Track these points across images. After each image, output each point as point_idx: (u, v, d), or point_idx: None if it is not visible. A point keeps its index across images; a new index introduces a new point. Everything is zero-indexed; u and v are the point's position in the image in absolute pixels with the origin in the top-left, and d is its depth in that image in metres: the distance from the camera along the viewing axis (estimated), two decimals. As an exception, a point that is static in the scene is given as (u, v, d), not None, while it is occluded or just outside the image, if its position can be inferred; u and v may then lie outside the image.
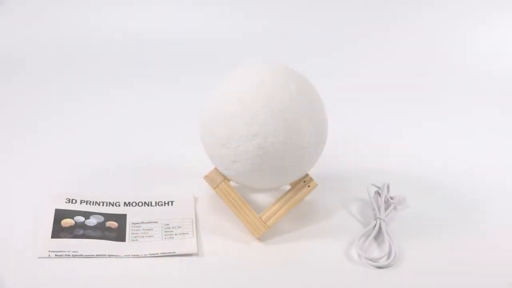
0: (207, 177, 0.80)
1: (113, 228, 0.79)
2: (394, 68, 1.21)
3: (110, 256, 0.75)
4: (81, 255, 0.75)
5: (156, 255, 0.76)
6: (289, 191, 0.80)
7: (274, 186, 0.80)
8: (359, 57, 1.24)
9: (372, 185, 0.86)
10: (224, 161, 0.76)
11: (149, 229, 0.80)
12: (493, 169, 0.95)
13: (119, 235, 0.78)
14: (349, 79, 1.13)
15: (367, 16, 1.28)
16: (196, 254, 0.76)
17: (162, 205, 0.84)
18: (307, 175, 0.80)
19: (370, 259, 0.76)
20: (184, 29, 1.26)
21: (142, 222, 0.81)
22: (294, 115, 0.73)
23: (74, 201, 0.82)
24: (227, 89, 0.76)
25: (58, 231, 0.77)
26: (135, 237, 0.78)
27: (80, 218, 0.80)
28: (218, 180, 0.80)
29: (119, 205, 0.83)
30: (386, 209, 0.83)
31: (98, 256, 0.75)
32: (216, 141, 0.75)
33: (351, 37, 1.26)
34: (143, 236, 0.79)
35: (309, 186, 0.80)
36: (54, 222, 0.78)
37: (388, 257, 0.77)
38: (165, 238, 0.78)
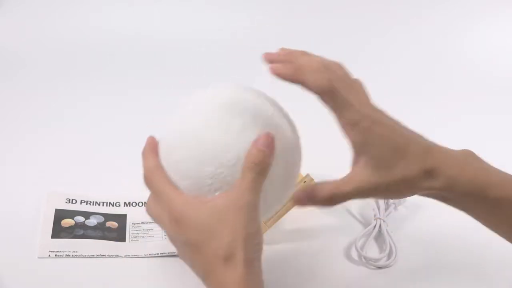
0: (207, 177, 0.80)
1: (113, 228, 0.79)
2: (395, 70, 1.21)
3: (110, 256, 0.75)
4: (81, 255, 0.75)
5: (156, 255, 0.76)
6: (289, 191, 0.80)
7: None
8: (359, 57, 1.23)
9: (373, 185, 0.86)
10: None
11: (149, 229, 0.80)
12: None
13: (119, 235, 0.78)
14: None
15: (368, 17, 1.28)
16: (196, 254, 0.76)
17: (162, 205, 0.83)
18: (307, 175, 0.80)
19: (370, 259, 0.76)
20: (185, 29, 1.26)
21: (142, 222, 0.80)
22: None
23: (74, 201, 0.82)
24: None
25: (58, 231, 0.77)
26: (135, 237, 0.78)
27: (80, 218, 0.79)
28: (218, 180, 0.79)
29: (119, 205, 0.83)
30: (386, 209, 0.83)
31: (98, 256, 0.75)
32: None
33: (351, 37, 1.26)
34: (143, 236, 0.79)
35: (309, 186, 0.80)
36: (54, 222, 0.78)
37: (388, 257, 0.77)
38: (165, 238, 0.78)
